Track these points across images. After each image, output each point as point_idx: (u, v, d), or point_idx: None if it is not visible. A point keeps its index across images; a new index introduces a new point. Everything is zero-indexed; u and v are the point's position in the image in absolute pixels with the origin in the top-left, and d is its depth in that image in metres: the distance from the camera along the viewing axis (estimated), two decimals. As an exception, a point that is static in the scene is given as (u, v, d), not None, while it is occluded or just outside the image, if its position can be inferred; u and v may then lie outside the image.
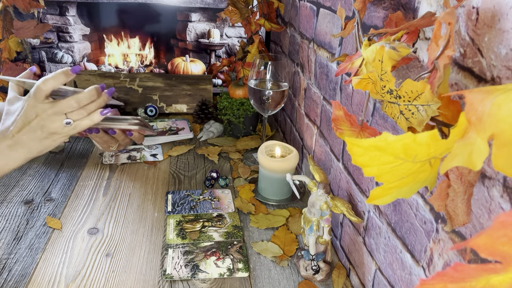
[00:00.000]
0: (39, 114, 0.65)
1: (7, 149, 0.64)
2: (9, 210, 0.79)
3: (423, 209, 0.46)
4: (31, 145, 0.66)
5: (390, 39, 0.40)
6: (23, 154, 0.66)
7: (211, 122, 1.18)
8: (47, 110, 0.65)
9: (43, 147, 0.67)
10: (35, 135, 0.66)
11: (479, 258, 0.37)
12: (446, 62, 0.30)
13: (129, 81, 1.26)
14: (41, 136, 0.66)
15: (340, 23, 0.70)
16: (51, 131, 0.66)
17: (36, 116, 0.65)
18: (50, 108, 0.65)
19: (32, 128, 0.65)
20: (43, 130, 0.66)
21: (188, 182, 0.92)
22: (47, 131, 0.66)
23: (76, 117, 0.67)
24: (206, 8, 1.59)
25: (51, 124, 0.66)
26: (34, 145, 0.66)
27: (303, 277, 0.67)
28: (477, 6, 0.35)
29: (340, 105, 0.42)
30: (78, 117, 0.67)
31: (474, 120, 0.22)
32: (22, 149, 0.65)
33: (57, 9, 1.54)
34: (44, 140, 0.67)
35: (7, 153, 0.64)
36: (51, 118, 0.65)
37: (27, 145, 0.66)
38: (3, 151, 0.64)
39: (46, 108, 0.65)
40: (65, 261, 0.67)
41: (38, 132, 0.66)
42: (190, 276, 0.65)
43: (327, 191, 0.64)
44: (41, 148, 0.67)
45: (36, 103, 0.65)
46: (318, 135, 0.84)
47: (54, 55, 1.56)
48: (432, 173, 0.27)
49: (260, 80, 0.92)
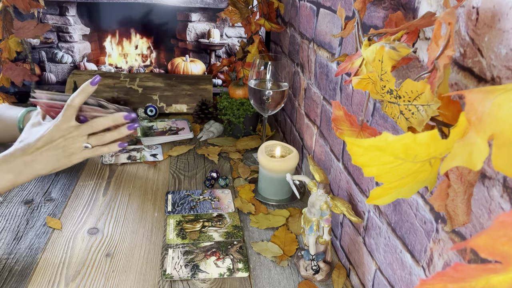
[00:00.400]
0: (64, 135, 0.67)
1: (21, 165, 0.66)
2: (9, 210, 0.79)
3: (423, 209, 0.46)
4: (48, 162, 0.67)
5: (390, 39, 0.40)
6: (37, 170, 0.67)
7: (211, 122, 1.18)
8: (72, 131, 0.68)
9: (58, 165, 0.69)
10: (55, 153, 0.67)
11: (479, 258, 0.37)
12: (446, 62, 0.30)
13: (129, 81, 1.26)
14: (60, 156, 0.68)
15: (340, 23, 0.70)
16: (71, 151, 0.68)
17: (61, 136, 0.67)
18: (75, 130, 0.68)
19: (55, 147, 0.67)
20: (64, 150, 0.68)
21: (188, 182, 0.92)
22: (68, 151, 0.68)
23: (94, 143, 0.69)
24: (206, 8, 1.59)
25: (73, 145, 0.68)
26: (51, 162, 0.68)
27: (303, 277, 0.67)
28: (477, 6, 0.35)
29: (340, 105, 0.42)
30: (96, 143, 0.70)
31: (474, 120, 0.22)
32: (37, 166, 0.67)
33: (57, 9, 1.54)
34: (62, 159, 0.68)
35: (21, 168, 0.66)
36: (74, 139, 0.68)
37: (43, 162, 0.67)
38: (17, 167, 0.66)
39: (72, 130, 0.68)
40: (65, 261, 0.67)
41: (59, 150, 0.68)
42: (190, 276, 0.65)
43: (327, 191, 0.64)
44: (56, 166, 0.68)
45: (64, 124, 0.67)
46: (318, 135, 0.84)
47: (54, 55, 1.56)
48: (432, 173, 0.27)
49: (260, 80, 0.92)
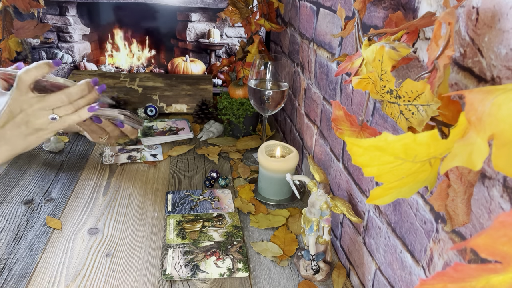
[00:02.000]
0: (25, 108, 0.62)
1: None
2: (9, 210, 0.79)
3: (423, 209, 0.46)
4: (15, 141, 0.63)
5: (390, 39, 0.40)
6: (7, 151, 0.63)
7: (211, 122, 1.18)
8: (33, 104, 0.62)
9: (27, 143, 0.64)
10: (19, 131, 0.63)
11: (479, 258, 0.37)
12: (446, 62, 0.30)
13: (129, 81, 1.26)
14: (26, 132, 0.63)
15: (340, 23, 0.69)
16: (36, 127, 0.63)
17: (21, 111, 0.62)
18: (37, 102, 0.62)
19: (17, 124, 0.62)
20: (28, 126, 0.63)
21: (188, 182, 0.92)
22: (32, 127, 0.63)
23: (63, 112, 0.64)
24: (206, 8, 1.59)
25: (37, 120, 0.63)
26: (18, 141, 0.63)
27: (303, 277, 0.67)
28: (477, 6, 0.35)
29: (340, 105, 0.42)
30: (65, 113, 0.65)
31: (474, 120, 0.22)
32: (5, 146, 0.62)
33: (57, 9, 1.54)
34: (29, 136, 0.64)
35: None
36: (36, 114, 0.62)
37: (10, 141, 0.63)
38: None
39: (33, 103, 0.62)
40: (65, 261, 0.67)
41: (23, 127, 0.63)
42: (190, 276, 0.65)
43: (327, 191, 0.64)
44: (25, 144, 0.64)
45: (21, 96, 0.62)
46: (318, 135, 0.84)
47: (54, 55, 1.56)
48: (432, 173, 0.27)
49: (260, 80, 0.92)
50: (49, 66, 0.64)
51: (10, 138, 0.63)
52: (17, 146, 0.64)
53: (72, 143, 1.06)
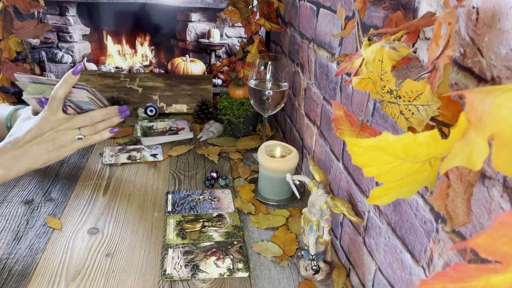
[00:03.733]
0: (54, 127, 0.67)
1: (11, 159, 0.66)
2: (9, 210, 0.79)
3: (423, 209, 0.46)
4: (37, 155, 0.67)
5: (390, 39, 0.40)
6: (27, 164, 0.67)
7: (211, 122, 1.18)
8: (62, 124, 0.67)
9: (48, 158, 0.68)
10: (45, 146, 0.67)
11: (479, 258, 0.37)
12: (446, 62, 0.30)
13: (129, 81, 1.26)
14: (50, 148, 0.68)
15: (340, 23, 0.69)
16: (61, 144, 0.68)
17: (50, 129, 0.67)
18: (65, 122, 0.68)
19: (44, 140, 0.67)
20: (54, 142, 0.68)
21: (188, 182, 0.92)
22: (57, 143, 0.68)
23: (86, 133, 0.70)
24: (206, 8, 1.59)
25: (63, 137, 0.68)
26: (41, 156, 0.67)
27: (303, 277, 0.67)
28: (477, 6, 0.35)
29: (340, 105, 0.42)
30: (88, 133, 0.70)
31: (474, 120, 0.22)
32: (27, 160, 0.67)
33: (57, 9, 1.54)
34: (52, 152, 0.68)
35: (11, 163, 0.66)
36: (64, 132, 0.68)
37: (33, 156, 0.67)
38: (7, 161, 0.65)
39: (62, 122, 0.67)
40: (65, 261, 0.67)
41: (49, 143, 0.67)
42: (190, 276, 0.65)
43: (327, 191, 0.64)
44: (46, 159, 0.68)
45: (51, 116, 0.67)
46: (318, 135, 0.84)
47: (54, 55, 1.56)
48: (432, 173, 0.27)
49: (260, 80, 0.92)
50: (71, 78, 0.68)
51: (33, 152, 0.67)
52: (38, 160, 0.68)
53: (72, 143, 1.06)
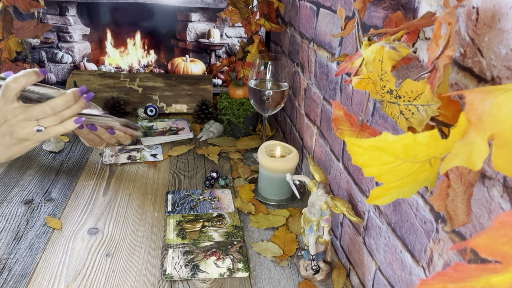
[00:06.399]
0: (9, 119, 0.61)
1: None
2: (9, 210, 0.79)
3: (423, 209, 0.46)
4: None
5: (390, 39, 0.40)
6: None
7: (211, 122, 1.18)
8: (18, 115, 0.61)
9: (11, 153, 0.64)
10: (3, 141, 0.62)
11: (479, 258, 0.37)
12: (446, 62, 0.30)
13: (129, 81, 1.26)
14: (10, 143, 0.62)
15: (340, 23, 0.69)
16: (21, 137, 0.62)
17: (5, 121, 0.61)
18: (22, 113, 0.61)
19: (1, 134, 0.61)
20: (12, 136, 0.62)
21: (188, 182, 0.92)
22: (16, 137, 0.62)
23: (48, 124, 0.63)
24: (206, 8, 1.59)
25: (22, 130, 0.62)
26: (2, 151, 0.62)
27: (303, 277, 0.67)
28: (477, 6, 0.35)
29: (340, 105, 0.42)
30: (50, 124, 0.63)
31: (474, 120, 0.22)
32: None
33: (57, 9, 1.54)
34: (13, 146, 0.63)
35: None
36: (21, 124, 0.61)
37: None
38: None
39: (18, 113, 0.61)
40: (65, 261, 0.67)
41: (7, 137, 0.62)
42: (190, 276, 0.65)
43: (327, 191, 0.64)
44: (9, 154, 0.63)
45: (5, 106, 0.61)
46: (318, 135, 0.84)
47: (54, 55, 1.56)
48: (432, 173, 0.27)
49: (260, 80, 0.92)
50: (37, 75, 0.63)
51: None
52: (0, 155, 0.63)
53: (72, 143, 1.06)
